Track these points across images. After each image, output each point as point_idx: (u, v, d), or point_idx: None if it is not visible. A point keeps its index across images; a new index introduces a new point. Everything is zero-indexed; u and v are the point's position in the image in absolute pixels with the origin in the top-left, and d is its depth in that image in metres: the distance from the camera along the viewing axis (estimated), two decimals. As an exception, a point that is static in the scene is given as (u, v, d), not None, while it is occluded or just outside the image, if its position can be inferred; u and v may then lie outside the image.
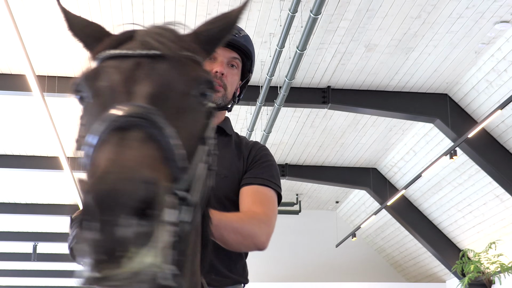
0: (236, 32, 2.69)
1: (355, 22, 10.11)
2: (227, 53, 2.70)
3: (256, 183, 2.59)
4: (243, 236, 2.39)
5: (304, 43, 9.00)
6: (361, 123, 14.12)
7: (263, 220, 2.47)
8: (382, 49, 10.92)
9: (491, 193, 14.01)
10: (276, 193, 2.62)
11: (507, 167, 12.46)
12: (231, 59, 2.71)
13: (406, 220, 16.90)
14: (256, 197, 2.55)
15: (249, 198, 2.55)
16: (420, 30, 10.31)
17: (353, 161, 16.47)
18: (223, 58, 2.69)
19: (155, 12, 9.82)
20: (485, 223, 15.10)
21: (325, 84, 12.15)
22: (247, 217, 2.45)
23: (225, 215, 2.36)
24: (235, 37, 2.69)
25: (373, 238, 20.69)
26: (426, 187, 15.79)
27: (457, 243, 16.66)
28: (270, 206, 2.55)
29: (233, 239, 2.36)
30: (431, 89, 12.32)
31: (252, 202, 2.53)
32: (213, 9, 9.71)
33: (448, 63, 11.31)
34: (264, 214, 2.49)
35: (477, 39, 10.51)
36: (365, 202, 19.02)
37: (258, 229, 2.44)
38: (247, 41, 2.75)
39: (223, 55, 2.69)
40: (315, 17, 8.35)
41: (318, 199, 20.06)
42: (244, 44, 2.72)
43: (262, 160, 2.67)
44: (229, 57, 2.70)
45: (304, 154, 15.88)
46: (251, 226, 2.42)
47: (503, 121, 11.92)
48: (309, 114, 13.63)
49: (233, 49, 2.71)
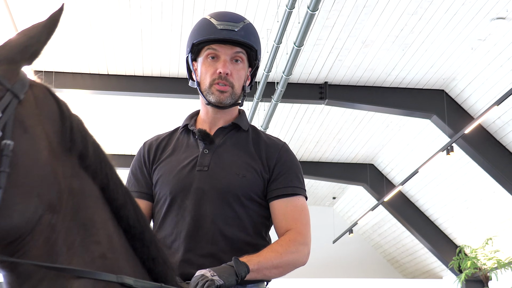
0: (234, 27, 2.64)
1: (352, 18, 10.12)
2: (229, 49, 2.64)
3: (286, 194, 2.61)
4: (284, 268, 2.47)
5: (301, 39, 9.01)
6: (358, 119, 14.14)
7: (301, 242, 2.52)
8: (379, 45, 10.94)
9: (487, 189, 14.04)
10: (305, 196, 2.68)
11: (503, 163, 12.49)
12: (234, 54, 2.65)
13: (403, 216, 16.93)
14: (289, 215, 2.58)
15: (282, 216, 2.58)
16: (417, 26, 10.33)
17: (350, 157, 16.49)
18: (225, 56, 2.63)
19: (152, 8, 9.82)
20: (482, 219, 15.13)
21: (322, 80, 12.16)
22: (284, 248, 2.48)
23: (263, 256, 2.41)
24: (234, 32, 2.63)
25: (370, 234, 20.72)
26: (423, 183, 15.81)
27: (454, 239, 16.70)
28: (303, 219, 2.60)
29: (276, 273, 2.45)
30: (428, 85, 12.33)
31: (286, 221, 2.57)
32: (210, 4, 9.71)
33: (445, 59, 11.33)
34: (300, 234, 2.54)
35: (474, 35, 10.53)
36: (362, 198, 19.05)
37: (297, 255, 2.51)
38: (247, 33, 2.68)
39: (225, 53, 2.63)
40: (312, 13, 8.36)
41: (315, 195, 20.08)
42: (244, 39, 2.65)
43: (287, 165, 2.65)
44: (231, 53, 2.64)
45: (301, 150, 15.90)
46: (290, 256, 2.48)
47: (499, 117, 11.94)
48: (306, 110, 13.65)
49: (235, 44, 2.65)
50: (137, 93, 12.02)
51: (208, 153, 2.63)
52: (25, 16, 9.73)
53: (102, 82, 11.80)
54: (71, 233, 1.81)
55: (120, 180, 2.04)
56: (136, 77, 11.89)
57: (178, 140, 2.73)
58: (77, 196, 1.85)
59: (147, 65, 11.55)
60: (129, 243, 2.02)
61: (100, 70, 11.68)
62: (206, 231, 2.51)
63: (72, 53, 11.07)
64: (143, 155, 2.74)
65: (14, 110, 1.72)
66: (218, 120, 2.72)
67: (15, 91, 1.75)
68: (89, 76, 11.76)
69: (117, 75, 11.84)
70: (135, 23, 10.24)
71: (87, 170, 1.92)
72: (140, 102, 13.16)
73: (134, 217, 2.02)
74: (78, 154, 1.90)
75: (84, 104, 13.06)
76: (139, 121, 14.06)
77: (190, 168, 2.60)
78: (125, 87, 11.88)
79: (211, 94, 2.63)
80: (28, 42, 1.82)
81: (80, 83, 11.70)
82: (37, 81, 1.90)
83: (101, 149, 2.01)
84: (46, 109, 1.85)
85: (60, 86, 11.52)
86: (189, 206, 2.54)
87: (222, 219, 2.52)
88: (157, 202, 2.65)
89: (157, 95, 12.14)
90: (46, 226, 1.76)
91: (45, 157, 1.76)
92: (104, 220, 1.92)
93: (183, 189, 2.57)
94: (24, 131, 1.73)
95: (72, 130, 1.90)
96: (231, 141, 2.68)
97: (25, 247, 1.74)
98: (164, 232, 2.57)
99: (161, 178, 2.63)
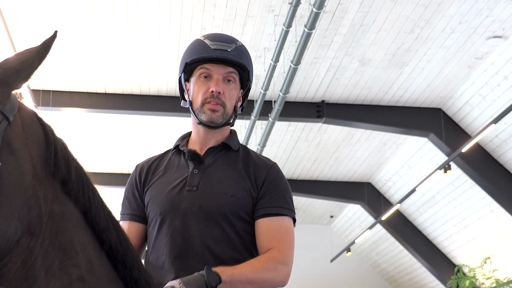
0: (227, 47, 2.65)
1: (349, 37, 10.15)
2: (222, 69, 2.65)
3: (271, 213, 2.59)
4: (259, 285, 2.43)
5: (299, 57, 9.03)
6: (355, 138, 14.15)
7: (280, 260, 2.50)
8: (376, 64, 10.97)
9: (485, 208, 14.02)
10: (292, 218, 2.64)
11: (501, 181, 12.48)
12: (227, 74, 2.66)
13: (400, 234, 16.90)
14: (272, 233, 2.56)
15: (264, 235, 2.56)
16: (413, 45, 10.36)
17: (347, 175, 16.48)
18: (218, 75, 2.65)
19: (150, 27, 9.85)
20: (480, 238, 15.10)
21: (319, 98, 12.18)
22: (262, 264, 2.46)
23: (238, 269, 2.39)
24: (227, 52, 2.64)
25: (368, 253, 20.66)
26: (421, 201, 15.79)
27: (452, 258, 16.65)
28: (286, 239, 2.57)
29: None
30: (425, 104, 12.36)
31: (268, 240, 2.55)
32: (208, 23, 9.74)
33: (442, 77, 11.36)
34: (280, 253, 2.51)
35: (470, 54, 10.57)
36: (360, 216, 19.01)
37: (274, 273, 2.47)
38: (240, 53, 2.70)
39: (218, 72, 2.65)
40: (309, 32, 8.38)
41: (313, 213, 20.04)
42: (237, 59, 2.66)
43: (274, 184, 2.64)
44: (224, 73, 2.66)
45: (298, 168, 15.89)
46: (267, 273, 2.45)
47: (497, 135, 11.95)
48: (304, 128, 13.66)
49: (227, 64, 2.66)
50: (134, 111, 12.03)
51: (197, 173, 2.65)
52: (23, 35, 9.75)
53: (99, 100, 11.80)
54: (50, 256, 1.83)
55: (103, 203, 2.06)
56: (134, 96, 11.91)
57: (169, 161, 2.76)
58: (57, 220, 1.86)
59: (145, 84, 11.57)
60: (112, 265, 2.04)
61: (97, 88, 11.70)
62: (196, 250, 2.52)
63: (70, 72, 11.09)
64: (135, 178, 2.76)
65: (3, 131, 1.73)
66: (209, 140, 2.74)
67: (6, 113, 1.76)
68: (86, 94, 11.77)
69: (115, 94, 11.85)
70: (132, 42, 10.26)
71: (69, 195, 1.94)
72: (138, 121, 13.17)
73: (116, 240, 2.04)
74: (61, 179, 1.92)
75: (81, 122, 13.08)
76: (136, 139, 14.06)
77: (179, 188, 2.62)
78: (122, 105, 11.89)
79: (203, 113, 2.65)
80: (20, 66, 1.84)
81: (77, 102, 11.71)
82: (25, 104, 1.92)
83: (84, 173, 2.03)
84: (32, 133, 1.86)
85: (57, 104, 11.54)
86: (178, 226, 2.56)
87: (211, 238, 2.53)
88: (149, 223, 2.67)
89: (154, 113, 12.15)
90: (25, 249, 1.76)
91: (28, 181, 1.77)
92: (83, 244, 1.94)
93: (173, 209, 2.59)
94: (10, 153, 1.74)
95: (56, 155, 1.91)
96: (221, 160, 2.70)
97: (2, 269, 1.74)
98: (156, 253, 2.59)
99: (152, 199, 2.66)
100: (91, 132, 13.56)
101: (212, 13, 9.51)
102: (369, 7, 9.39)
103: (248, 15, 9.58)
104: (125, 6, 9.37)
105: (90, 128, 13.39)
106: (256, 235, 2.60)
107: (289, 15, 8.39)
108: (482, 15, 9.52)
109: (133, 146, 14.40)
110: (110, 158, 15.08)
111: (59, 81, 11.37)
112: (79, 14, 9.49)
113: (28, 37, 9.78)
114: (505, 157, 12.30)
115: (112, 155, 14.94)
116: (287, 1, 8.98)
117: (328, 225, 21.25)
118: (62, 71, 10.99)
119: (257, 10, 9.47)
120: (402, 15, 9.57)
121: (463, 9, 9.39)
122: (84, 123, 13.13)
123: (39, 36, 9.63)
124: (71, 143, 2.05)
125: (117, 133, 13.75)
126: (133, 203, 2.72)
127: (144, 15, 9.58)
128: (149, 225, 2.66)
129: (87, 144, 14.08)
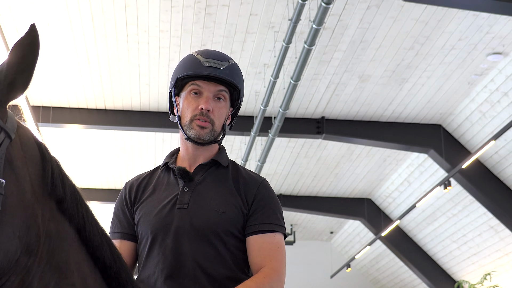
0: (220, 65, 2.64)
1: (349, 53, 10.17)
2: (212, 87, 2.64)
3: (262, 230, 2.58)
4: None
5: (298, 74, 9.04)
6: (355, 154, 14.14)
7: (274, 278, 2.50)
8: (376, 80, 10.98)
9: (485, 224, 14.00)
10: (283, 234, 2.64)
11: (501, 198, 12.47)
12: (217, 92, 2.64)
13: (400, 251, 16.86)
14: (264, 251, 2.56)
15: (257, 252, 2.56)
16: (413, 61, 10.38)
17: (347, 191, 16.47)
18: (208, 93, 2.63)
19: (150, 43, 9.87)
20: (480, 254, 15.06)
21: (319, 114, 12.18)
22: (258, 285, 2.46)
23: None
24: (219, 70, 2.63)
25: (368, 269, 20.61)
26: (421, 217, 15.77)
27: (452, 274, 16.61)
28: (278, 256, 2.57)
29: None
30: (425, 120, 12.36)
31: (260, 258, 2.55)
32: (208, 40, 9.76)
33: (442, 94, 11.37)
34: (274, 271, 2.52)
35: (470, 70, 10.58)
36: (360, 232, 18.98)
37: None
38: (232, 72, 2.67)
39: (208, 90, 2.63)
40: (309, 48, 8.40)
41: (313, 229, 20.00)
42: (228, 78, 2.64)
43: (264, 201, 2.64)
44: (214, 91, 2.64)
45: (298, 184, 15.87)
46: None
47: (496, 152, 11.95)
48: (303, 145, 13.65)
49: (219, 82, 2.65)
50: (134, 127, 12.03)
51: (187, 190, 2.64)
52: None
53: (99, 116, 11.81)
54: (46, 276, 1.82)
55: (97, 221, 2.05)
56: (134, 112, 11.91)
57: (158, 179, 2.75)
58: (54, 240, 1.86)
59: (145, 100, 11.57)
60: (106, 282, 2.04)
61: (97, 104, 11.70)
62: (188, 269, 2.51)
63: (70, 88, 11.10)
64: (124, 196, 2.75)
65: (6, 149, 1.72)
66: (198, 157, 2.73)
67: (8, 130, 1.75)
68: (86, 111, 11.78)
69: (115, 110, 11.86)
70: (132, 58, 10.28)
71: (64, 213, 1.93)
72: (138, 137, 13.17)
73: (110, 257, 2.04)
74: (57, 198, 1.91)
75: (81, 138, 13.07)
76: (137, 155, 14.04)
77: (170, 206, 2.61)
78: (122, 121, 11.89)
79: (191, 129, 2.65)
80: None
81: (77, 118, 11.71)
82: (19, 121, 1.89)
83: (78, 192, 2.01)
84: (29, 151, 1.85)
85: (57, 121, 11.54)
86: (169, 244, 2.55)
87: (202, 256, 2.52)
88: (140, 242, 2.66)
89: (154, 129, 12.15)
90: (22, 269, 1.76)
91: (28, 199, 1.77)
92: (78, 262, 1.94)
93: (164, 227, 2.58)
94: (12, 172, 1.73)
95: (53, 174, 1.89)
96: (210, 178, 2.69)
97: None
98: (148, 272, 2.58)
99: (143, 217, 2.64)
100: (91, 148, 13.55)
101: (212, 29, 9.53)
102: (368, 24, 9.41)
103: (248, 31, 9.60)
104: (125, 23, 9.39)
105: (90, 144, 13.38)
106: (248, 252, 2.59)
107: (289, 32, 8.40)
108: (482, 32, 9.54)
109: (133, 162, 14.39)
110: (109, 174, 15.06)
111: (59, 97, 11.37)
112: (79, 30, 9.50)
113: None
114: (505, 174, 12.29)
115: (112, 171, 14.92)
116: (287, 18, 9.00)
117: (328, 241, 21.20)
118: (62, 87, 11.00)
119: (257, 26, 9.49)
120: (402, 31, 9.60)
121: (463, 25, 9.42)
122: (84, 139, 13.12)
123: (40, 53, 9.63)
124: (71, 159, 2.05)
125: (117, 149, 13.74)
126: (123, 222, 2.70)
127: (144, 31, 9.60)
128: (139, 244, 2.65)
129: (88, 160, 14.07)
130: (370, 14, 9.19)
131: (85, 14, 9.16)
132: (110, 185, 15.64)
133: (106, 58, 10.26)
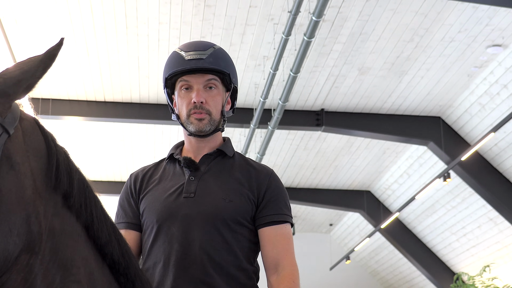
0: (202, 55, 2.64)
1: (349, 46, 10.16)
2: (200, 78, 2.64)
3: (277, 220, 2.63)
4: None
5: (298, 66, 9.03)
6: (355, 146, 14.15)
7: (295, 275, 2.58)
8: (376, 72, 10.97)
9: (485, 216, 14.01)
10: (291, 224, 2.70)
11: (500, 190, 12.48)
12: (206, 82, 2.65)
13: (400, 243, 16.89)
14: (279, 244, 2.61)
15: (272, 246, 2.61)
16: (413, 53, 10.37)
17: (346, 183, 16.48)
18: (198, 85, 2.64)
19: (149, 35, 9.86)
20: (479, 246, 15.09)
21: (318, 106, 12.18)
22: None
23: None
24: (202, 60, 2.62)
25: (367, 261, 20.64)
26: (420, 210, 15.78)
27: (451, 266, 16.63)
28: (289, 248, 2.63)
29: None
30: (424, 112, 12.36)
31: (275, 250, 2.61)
32: (207, 32, 9.75)
33: (441, 86, 11.37)
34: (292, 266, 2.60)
35: (470, 62, 10.58)
36: (359, 225, 19.00)
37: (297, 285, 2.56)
38: (216, 59, 2.67)
39: (197, 82, 2.64)
40: (308, 41, 8.39)
41: (312, 221, 20.02)
42: (212, 66, 2.64)
43: (276, 192, 2.68)
44: (203, 82, 2.64)
45: (298, 176, 15.88)
46: None
47: (496, 144, 11.96)
48: (303, 137, 13.65)
49: (205, 72, 2.65)
50: (134, 119, 12.03)
51: (194, 180, 2.65)
52: (22, 44, 9.75)
53: (99, 109, 11.80)
54: (50, 273, 1.78)
55: (106, 215, 2.01)
56: (133, 104, 11.91)
57: (164, 170, 2.76)
58: (58, 236, 1.82)
59: (144, 92, 11.57)
60: (114, 277, 2.01)
61: (97, 97, 11.70)
62: (195, 257, 2.52)
63: (69, 80, 11.09)
64: (129, 187, 2.76)
65: (3, 145, 1.68)
66: (203, 149, 2.74)
67: (6, 125, 1.70)
68: (86, 103, 11.78)
69: (114, 102, 11.85)
70: (132, 51, 10.27)
71: (70, 209, 1.88)
72: (137, 129, 13.17)
73: (118, 253, 2.01)
74: (63, 193, 1.86)
75: (81, 131, 13.07)
76: (136, 147, 14.05)
77: (176, 195, 2.62)
78: (121, 113, 11.89)
79: (190, 124, 2.66)
80: (22, 76, 1.76)
81: (77, 110, 11.71)
82: (25, 113, 1.85)
83: (87, 185, 1.96)
84: (33, 145, 1.80)
85: (57, 113, 11.53)
86: (176, 232, 2.55)
87: (210, 244, 2.53)
88: (144, 231, 2.66)
89: (154, 121, 12.14)
90: (24, 267, 1.72)
91: (28, 196, 1.72)
92: (85, 258, 1.90)
93: (170, 216, 2.58)
94: (10, 168, 1.68)
95: (58, 168, 1.84)
96: (216, 167, 2.71)
97: (2, 287, 1.70)
98: (153, 260, 2.58)
99: (148, 206, 2.65)
100: (90, 140, 13.55)
101: (212, 21, 9.52)
102: (368, 16, 9.40)
103: (248, 23, 9.59)
104: (124, 15, 9.38)
105: (89, 136, 13.38)
106: (262, 244, 2.62)
107: (288, 24, 8.40)
108: (482, 24, 9.53)
109: (133, 154, 14.39)
110: (109, 166, 15.07)
111: (58, 90, 11.37)
112: (78, 23, 9.49)
113: (28, 46, 9.79)
114: (504, 166, 12.29)
115: (112, 163, 14.92)
116: (286, 10, 8.99)
117: (328, 233, 21.23)
118: (61, 79, 10.99)
119: (256, 18, 9.48)
120: (402, 23, 9.59)
121: (462, 17, 9.41)
122: (83, 131, 13.12)
123: (38, 45, 9.64)
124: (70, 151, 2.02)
125: (117, 141, 13.74)
126: (128, 212, 2.71)
127: (143, 23, 9.59)
128: (144, 233, 2.66)
129: (87, 153, 14.07)
130: (370, 6, 9.18)
131: (84, 6, 9.15)
132: (109, 177, 15.65)
133: (105, 50, 10.25)
